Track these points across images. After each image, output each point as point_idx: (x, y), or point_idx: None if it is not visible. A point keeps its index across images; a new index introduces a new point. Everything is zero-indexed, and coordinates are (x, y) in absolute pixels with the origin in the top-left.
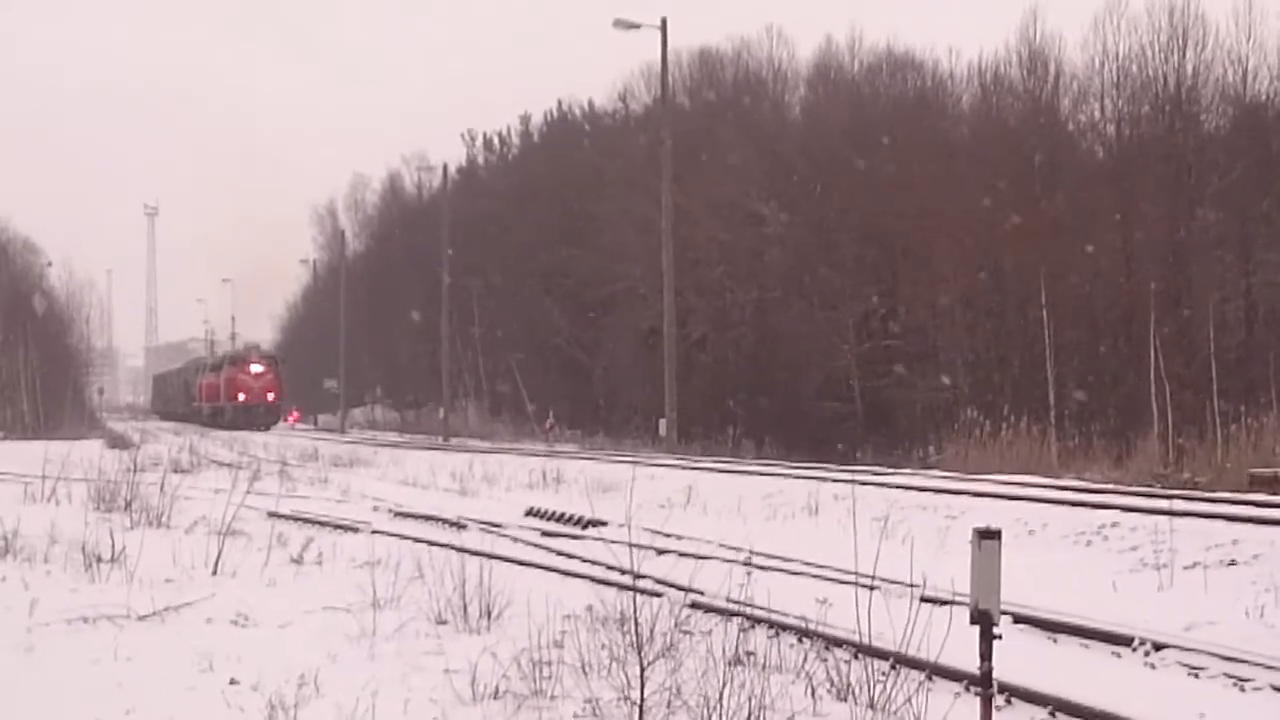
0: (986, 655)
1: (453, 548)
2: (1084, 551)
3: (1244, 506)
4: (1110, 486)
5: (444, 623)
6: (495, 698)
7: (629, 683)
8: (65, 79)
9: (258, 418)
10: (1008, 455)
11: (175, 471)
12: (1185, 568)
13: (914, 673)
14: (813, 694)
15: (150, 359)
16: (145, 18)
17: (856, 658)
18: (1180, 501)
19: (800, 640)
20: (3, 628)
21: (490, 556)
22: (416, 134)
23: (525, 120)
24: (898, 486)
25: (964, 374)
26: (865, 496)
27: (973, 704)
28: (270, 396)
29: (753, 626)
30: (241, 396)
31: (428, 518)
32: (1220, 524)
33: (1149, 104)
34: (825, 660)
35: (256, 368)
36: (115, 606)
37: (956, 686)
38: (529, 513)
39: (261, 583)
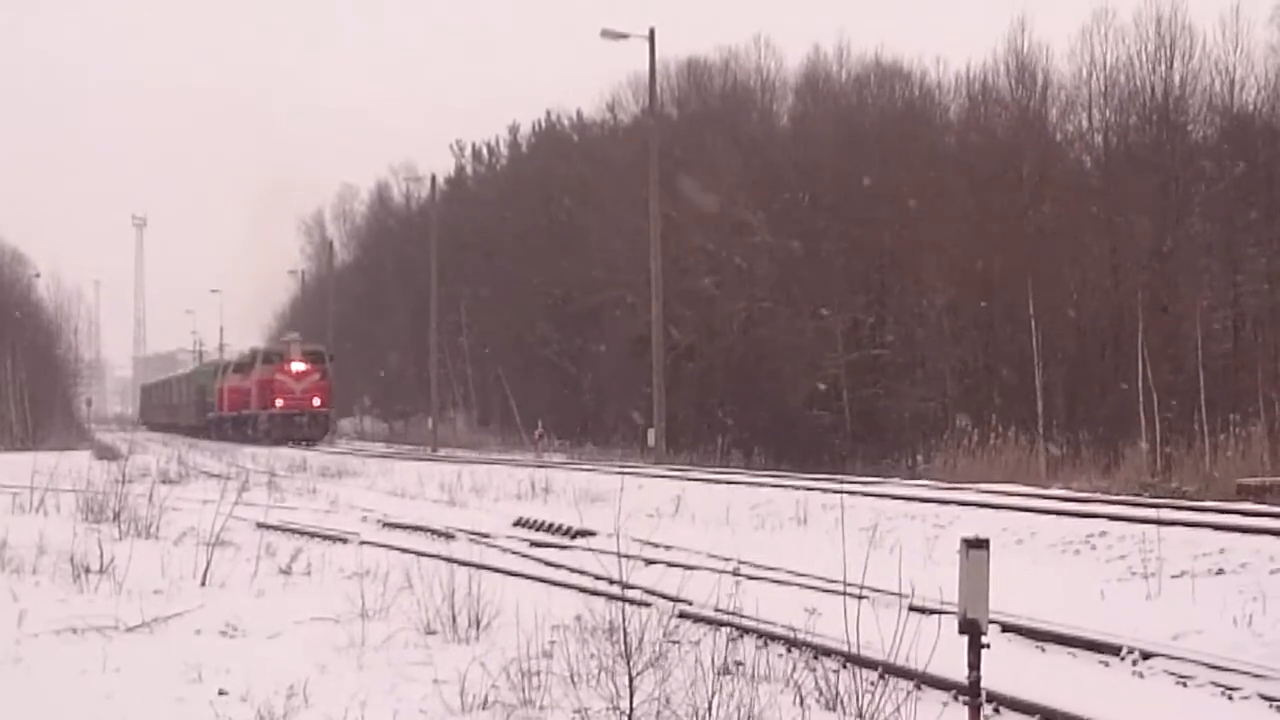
0: (975, 664)
1: (441, 558)
2: (1072, 560)
3: (1232, 515)
4: (1098, 496)
5: (433, 633)
6: (484, 708)
7: (618, 693)
8: (53, 87)
9: (301, 429)
10: (996, 464)
11: (163, 482)
12: (1173, 577)
13: (902, 682)
14: (801, 703)
15: (138, 370)
16: (138, 30)
17: (845, 667)
18: (1168, 510)
19: (789, 650)
20: None
21: (479, 567)
22: (404, 144)
23: (513, 130)
24: (886, 496)
25: (952, 383)
26: (853, 506)
27: (961, 713)
28: (317, 401)
29: (741, 636)
30: (280, 402)
31: (416, 528)
32: (1208, 533)
33: (1136, 114)
34: (814, 670)
35: (299, 365)
36: (104, 617)
37: (945, 696)
38: (517, 523)
39: (250, 593)
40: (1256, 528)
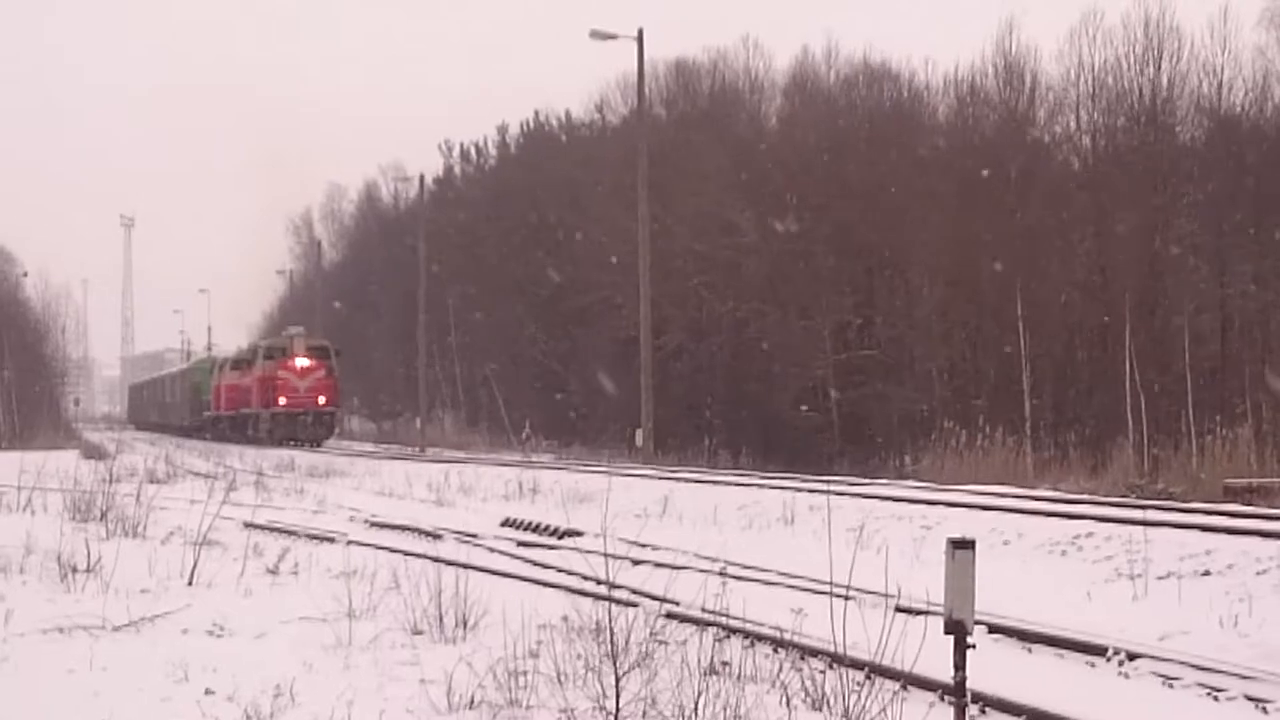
0: (960, 665)
1: (429, 558)
2: (1059, 561)
3: (1218, 517)
4: (1085, 497)
5: (420, 633)
6: (471, 708)
7: (604, 693)
8: (47, 86)
9: (305, 429)
10: (983, 465)
11: (151, 482)
12: (1159, 578)
13: (889, 682)
14: (788, 704)
15: (126, 369)
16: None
17: (831, 667)
18: (1155, 512)
19: (775, 650)
20: None
21: (466, 567)
22: (392, 144)
23: (502, 131)
24: (873, 497)
25: (940, 384)
26: (841, 507)
27: (947, 713)
28: (322, 400)
29: (728, 636)
30: (283, 400)
31: (404, 528)
32: (1194, 534)
33: (1124, 115)
34: (800, 670)
35: (303, 361)
36: (91, 617)
37: (931, 696)
38: (505, 523)
39: (237, 593)
40: (1243, 529)
